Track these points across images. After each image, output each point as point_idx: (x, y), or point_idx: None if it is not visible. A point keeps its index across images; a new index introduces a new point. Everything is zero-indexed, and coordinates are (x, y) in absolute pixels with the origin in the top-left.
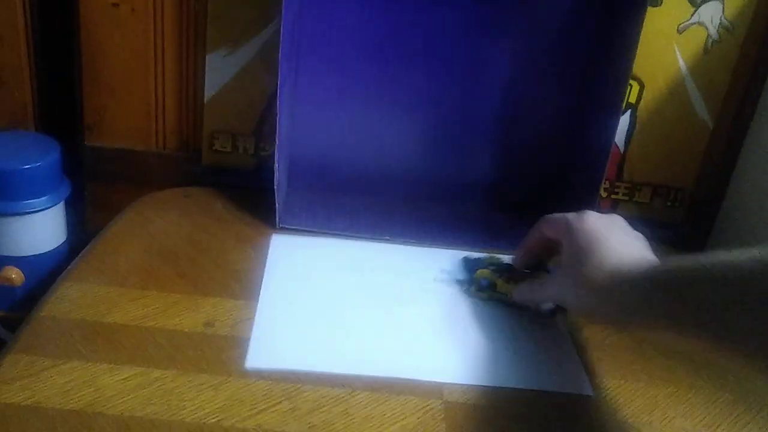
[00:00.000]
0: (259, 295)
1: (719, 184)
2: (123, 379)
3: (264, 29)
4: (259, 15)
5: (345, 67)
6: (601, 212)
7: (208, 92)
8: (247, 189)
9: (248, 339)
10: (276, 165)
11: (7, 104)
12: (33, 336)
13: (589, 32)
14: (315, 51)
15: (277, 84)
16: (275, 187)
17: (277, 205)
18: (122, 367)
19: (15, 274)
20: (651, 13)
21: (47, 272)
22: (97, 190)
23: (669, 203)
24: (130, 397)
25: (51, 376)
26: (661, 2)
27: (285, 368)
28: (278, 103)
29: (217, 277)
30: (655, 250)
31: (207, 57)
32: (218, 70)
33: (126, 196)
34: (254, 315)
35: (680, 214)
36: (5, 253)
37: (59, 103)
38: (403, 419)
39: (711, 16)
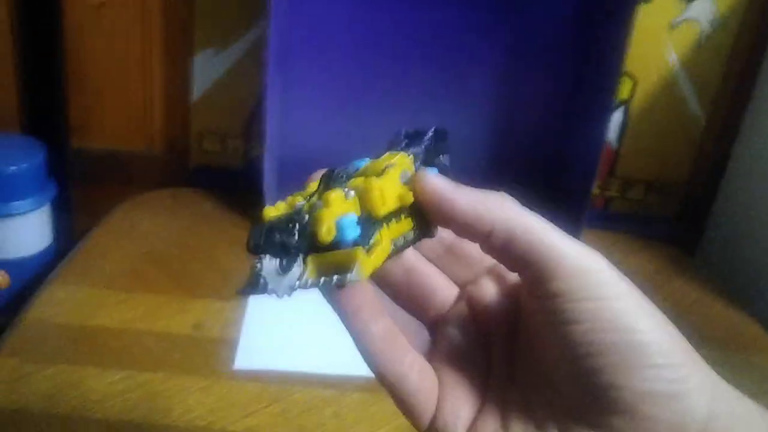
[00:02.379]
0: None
1: (712, 180)
2: (110, 382)
3: (253, 28)
4: (248, 14)
5: (335, 65)
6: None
7: (196, 92)
8: (237, 190)
9: (237, 341)
10: (265, 165)
11: None
12: (19, 339)
13: (581, 28)
14: (304, 50)
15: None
16: (264, 187)
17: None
18: (109, 370)
19: (0, 277)
20: (643, 8)
21: (33, 275)
22: (83, 192)
23: (662, 199)
24: (117, 400)
25: (37, 380)
26: None
27: (274, 369)
28: (266, 104)
29: (205, 279)
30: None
31: (195, 57)
32: (206, 70)
33: (113, 197)
34: (243, 316)
35: (674, 210)
36: None
37: (45, 105)
38: (394, 420)
39: (704, 11)
